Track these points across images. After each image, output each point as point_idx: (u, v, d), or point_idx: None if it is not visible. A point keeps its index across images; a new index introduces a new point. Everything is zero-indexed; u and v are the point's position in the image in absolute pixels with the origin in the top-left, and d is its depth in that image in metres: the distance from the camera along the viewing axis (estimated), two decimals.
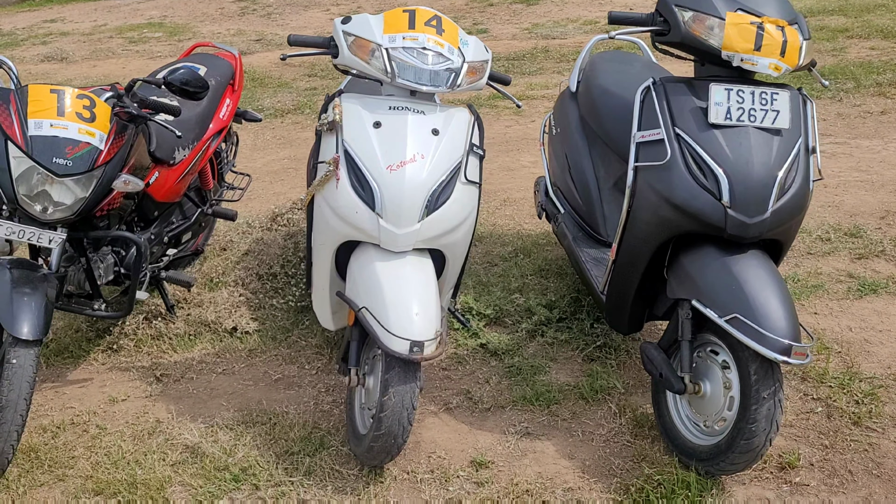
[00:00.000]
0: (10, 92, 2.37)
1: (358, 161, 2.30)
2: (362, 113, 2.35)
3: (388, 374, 2.22)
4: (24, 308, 2.28)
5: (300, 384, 2.87)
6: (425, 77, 2.35)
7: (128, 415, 2.74)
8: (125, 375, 2.96)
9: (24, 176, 2.33)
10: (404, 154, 2.29)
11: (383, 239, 2.30)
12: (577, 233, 2.95)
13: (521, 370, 2.82)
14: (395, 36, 2.34)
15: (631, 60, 3.28)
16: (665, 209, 2.19)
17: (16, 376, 2.22)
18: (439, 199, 2.32)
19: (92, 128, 2.39)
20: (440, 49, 2.35)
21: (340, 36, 2.40)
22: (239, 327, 3.18)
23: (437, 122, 2.36)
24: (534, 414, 2.61)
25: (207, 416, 2.71)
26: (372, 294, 2.26)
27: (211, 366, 3.01)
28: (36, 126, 2.31)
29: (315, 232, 2.49)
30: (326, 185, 2.36)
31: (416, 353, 2.17)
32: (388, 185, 2.27)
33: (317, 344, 3.09)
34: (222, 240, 3.96)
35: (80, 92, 2.44)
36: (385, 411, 2.20)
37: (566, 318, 3.09)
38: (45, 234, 2.40)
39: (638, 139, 2.28)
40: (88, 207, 2.45)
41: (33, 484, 2.41)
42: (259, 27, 10.27)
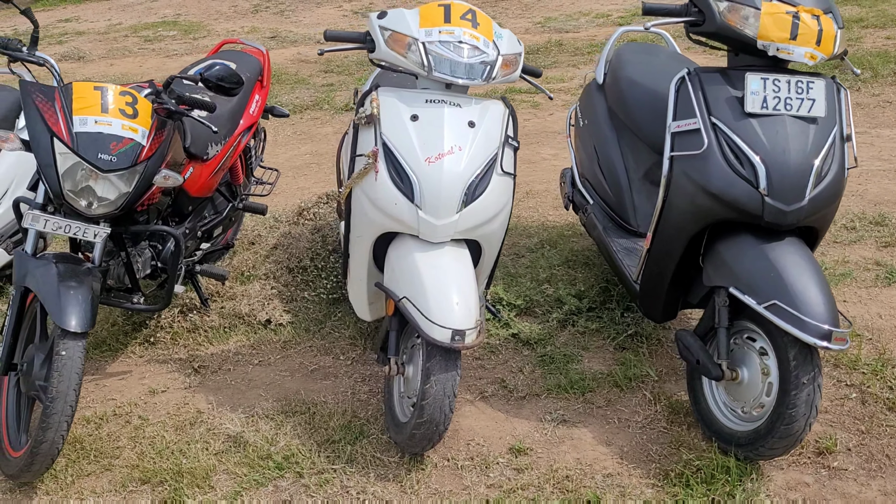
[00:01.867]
0: (54, 89, 2.42)
1: (396, 154, 2.34)
2: (399, 106, 2.39)
3: (430, 363, 2.26)
4: (71, 301, 2.32)
5: (336, 374, 2.92)
6: (461, 70, 2.38)
7: (168, 406, 2.79)
8: (163, 367, 3.02)
9: (70, 172, 2.37)
10: (442, 146, 2.33)
11: (422, 230, 2.34)
12: (606, 223, 2.98)
13: (553, 359, 2.85)
14: (431, 30, 2.37)
15: (657, 52, 3.30)
16: (702, 198, 2.21)
17: (65, 368, 2.27)
18: (476, 190, 2.35)
19: (135, 124, 2.43)
20: (476, 42, 2.38)
21: (377, 31, 2.44)
22: (273, 319, 3.22)
23: (472, 114, 2.40)
24: (569, 402, 2.64)
25: (247, 406, 2.75)
26: (412, 284, 2.30)
27: (247, 357, 3.05)
28: (81, 123, 2.36)
29: (353, 224, 2.53)
30: (365, 178, 2.40)
31: (457, 341, 2.21)
32: (427, 177, 2.30)
33: (350, 335, 3.14)
34: (250, 234, 4.00)
35: (123, 89, 2.48)
36: (427, 399, 2.24)
37: (596, 308, 3.12)
38: (90, 229, 2.45)
39: (673, 129, 2.31)
40: (131, 202, 2.50)
41: (80, 473, 2.47)
42: (273, 24, 10.31)
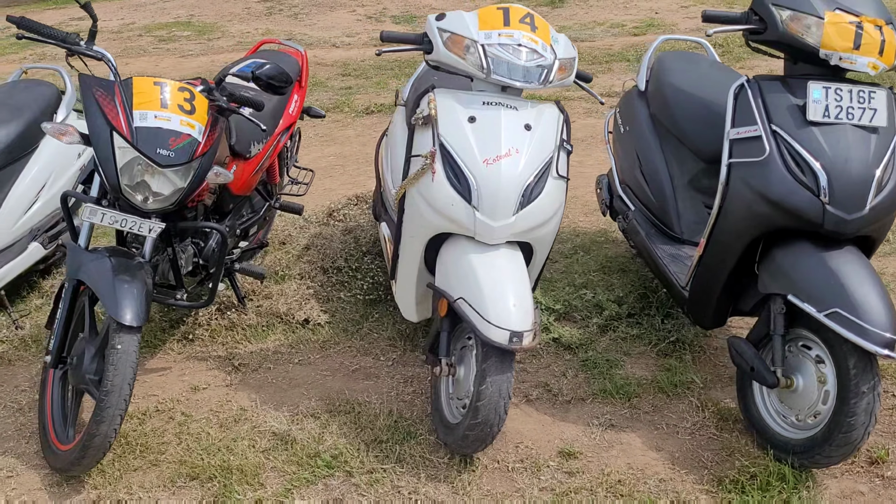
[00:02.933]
0: (113, 84, 2.42)
1: (454, 155, 2.35)
2: (457, 108, 2.40)
3: (486, 364, 2.26)
4: (126, 295, 2.32)
5: (378, 375, 2.92)
6: (518, 73, 2.39)
7: (211, 402, 2.79)
8: (203, 365, 3.01)
9: (127, 166, 2.38)
10: (500, 148, 2.34)
11: (479, 231, 2.34)
12: (649, 229, 2.99)
13: (596, 364, 2.86)
14: (490, 32, 2.38)
15: (698, 60, 3.32)
16: (760, 205, 2.22)
17: (121, 361, 2.27)
18: (533, 193, 2.36)
19: (192, 120, 2.44)
20: (534, 46, 2.39)
21: (435, 32, 2.45)
22: (311, 319, 3.22)
23: (528, 117, 2.41)
24: (615, 407, 2.65)
25: (290, 404, 2.75)
26: (468, 285, 2.30)
27: (287, 356, 3.05)
28: (141, 117, 2.36)
29: (406, 224, 2.54)
30: (421, 179, 2.40)
31: (514, 343, 2.21)
32: (485, 179, 2.31)
33: (389, 336, 3.14)
34: (281, 234, 4.01)
35: (181, 84, 2.49)
36: (482, 400, 2.25)
37: (635, 314, 3.12)
38: (145, 224, 2.45)
39: (732, 136, 2.32)
40: (184, 198, 2.50)
41: (127, 468, 2.46)
42: (287, 27, 10.33)
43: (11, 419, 2.74)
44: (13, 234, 3.29)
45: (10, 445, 2.60)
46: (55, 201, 3.47)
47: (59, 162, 3.49)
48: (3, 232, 3.26)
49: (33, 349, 3.15)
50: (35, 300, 3.49)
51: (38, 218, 3.39)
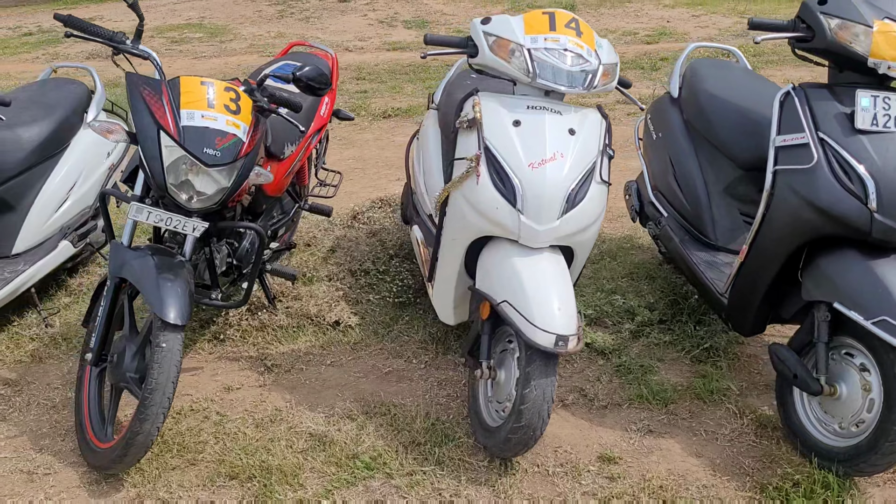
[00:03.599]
0: (160, 82, 2.43)
1: (500, 158, 2.35)
2: (502, 111, 2.40)
3: (530, 368, 2.26)
4: (170, 293, 2.32)
5: (411, 378, 2.92)
6: (562, 77, 2.40)
7: (245, 402, 2.78)
8: (235, 365, 3.01)
9: (174, 165, 2.38)
10: (545, 152, 2.34)
11: (523, 235, 2.35)
12: (683, 236, 3.00)
13: (630, 369, 2.86)
14: (536, 37, 2.39)
15: (730, 67, 3.34)
16: (807, 212, 2.23)
17: (165, 359, 2.27)
18: (577, 197, 2.36)
19: (238, 120, 2.45)
20: (580, 51, 2.40)
21: (481, 36, 2.46)
22: (341, 321, 3.22)
23: (573, 122, 2.41)
24: (652, 412, 2.65)
25: (325, 405, 2.75)
26: (513, 289, 2.30)
27: (318, 358, 3.05)
28: (188, 117, 2.37)
29: (447, 227, 2.54)
30: (465, 182, 2.41)
31: (560, 346, 2.21)
32: (531, 182, 2.32)
33: (420, 339, 3.14)
34: (305, 236, 4.01)
35: (227, 85, 2.49)
36: (526, 404, 2.25)
37: (667, 320, 3.13)
38: (189, 223, 2.45)
39: (779, 143, 2.33)
40: (227, 198, 2.50)
41: (165, 467, 2.45)
42: (299, 30, 10.36)
43: (46, 416, 2.74)
44: (44, 233, 3.30)
45: (46, 443, 2.60)
46: (85, 200, 3.47)
47: (89, 160, 3.49)
48: (34, 230, 3.26)
49: (63, 347, 3.14)
50: (63, 298, 3.49)
51: (68, 216, 3.39)
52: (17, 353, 3.11)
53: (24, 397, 2.84)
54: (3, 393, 2.86)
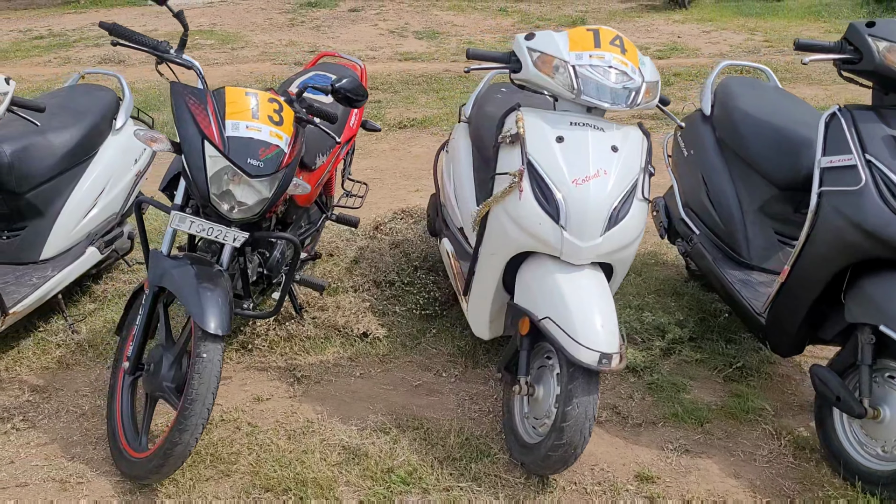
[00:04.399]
0: (205, 92, 2.42)
1: (543, 173, 2.35)
2: (545, 127, 2.40)
3: (572, 385, 2.25)
4: (210, 303, 2.31)
5: (441, 391, 2.90)
6: (606, 94, 2.40)
7: (276, 413, 2.77)
8: (263, 375, 2.99)
9: (217, 175, 2.37)
10: (588, 169, 2.34)
11: (565, 251, 2.34)
12: (716, 254, 2.99)
13: (662, 387, 2.85)
14: (581, 53, 2.39)
15: (763, 86, 3.35)
16: (853, 234, 2.23)
17: (205, 370, 2.25)
18: (620, 214, 2.36)
19: (280, 131, 2.44)
20: (624, 68, 2.40)
21: (524, 52, 2.46)
22: (369, 333, 3.21)
23: (615, 139, 2.41)
24: (688, 431, 2.64)
25: (357, 418, 2.73)
26: (555, 305, 2.30)
27: (347, 369, 3.04)
28: (233, 127, 2.36)
29: (487, 242, 2.53)
30: (508, 197, 2.40)
31: (604, 364, 2.20)
32: (574, 199, 2.31)
33: (449, 352, 3.13)
34: (328, 246, 4.01)
35: (270, 96, 2.49)
36: (567, 421, 2.23)
37: (697, 338, 3.12)
38: (230, 233, 2.44)
39: (825, 164, 2.33)
40: (268, 208, 2.50)
41: (199, 478, 2.44)
42: (310, 39, 10.39)
43: (76, 424, 2.72)
44: (71, 239, 3.29)
45: (77, 451, 2.58)
46: (112, 206, 3.47)
47: (116, 167, 3.49)
48: (62, 236, 3.25)
49: (90, 353, 3.13)
50: (88, 304, 3.47)
51: (95, 223, 3.38)
52: (44, 359, 3.09)
53: (52, 404, 2.82)
54: (32, 399, 2.84)
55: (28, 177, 3.14)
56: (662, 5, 12.09)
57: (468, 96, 7.82)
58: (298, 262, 3.29)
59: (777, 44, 9.26)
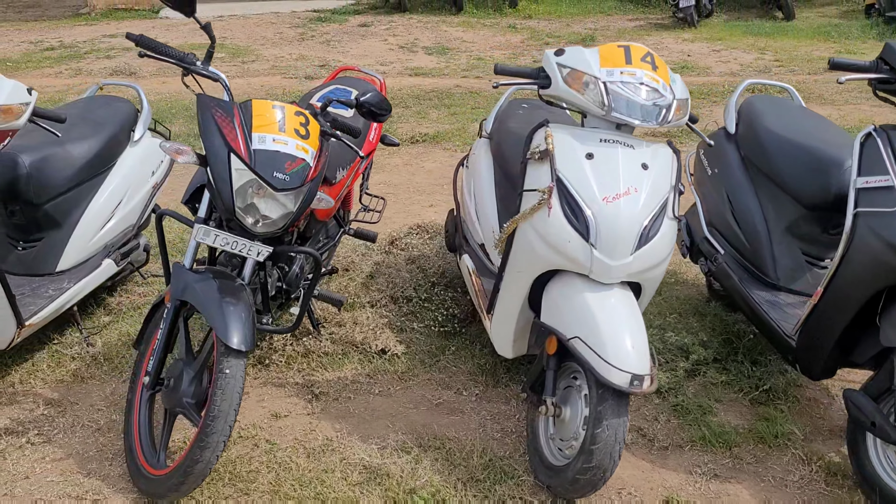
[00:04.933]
0: (232, 105, 2.40)
1: (572, 191, 2.32)
2: (574, 144, 2.37)
3: (601, 407, 2.20)
4: (233, 318, 2.27)
5: (462, 410, 2.85)
6: (636, 111, 2.37)
7: (294, 430, 2.72)
8: (281, 391, 2.95)
9: (242, 188, 2.34)
10: (619, 186, 2.31)
11: (595, 270, 2.30)
12: (742, 274, 2.95)
13: (688, 410, 2.80)
14: (612, 70, 2.37)
15: (787, 105, 3.32)
16: (890, 256, 2.19)
17: (228, 386, 2.21)
18: (650, 233, 2.32)
19: (307, 144, 2.41)
20: (655, 85, 2.37)
21: (554, 67, 2.43)
22: (387, 349, 3.17)
23: (645, 156, 2.38)
24: (716, 456, 2.59)
25: (377, 437, 2.69)
26: (584, 325, 2.26)
27: (366, 386, 2.99)
28: (260, 140, 2.34)
29: (513, 259, 2.50)
30: (536, 214, 2.37)
31: (635, 386, 2.16)
32: (605, 217, 2.28)
33: (469, 370, 3.08)
34: (343, 261, 3.97)
35: (297, 109, 2.46)
36: (597, 444, 2.19)
37: (722, 359, 3.07)
38: (254, 247, 2.41)
39: (860, 185, 2.29)
40: (292, 222, 2.47)
41: (218, 496, 2.39)
42: (320, 53, 10.41)
43: (92, 439, 2.67)
44: (88, 250, 3.26)
45: (93, 467, 2.53)
46: (129, 218, 3.44)
47: (134, 179, 3.46)
48: (79, 248, 3.22)
49: (105, 367, 3.09)
50: (103, 317, 3.44)
51: (112, 234, 3.35)
52: (58, 372, 3.05)
53: (68, 418, 2.78)
54: (47, 413, 2.80)
55: (46, 188, 3.11)
56: (672, 24, 12.11)
57: (479, 112, 7.81)
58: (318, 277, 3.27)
59: (788, 63, 9.26)
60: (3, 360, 3.09)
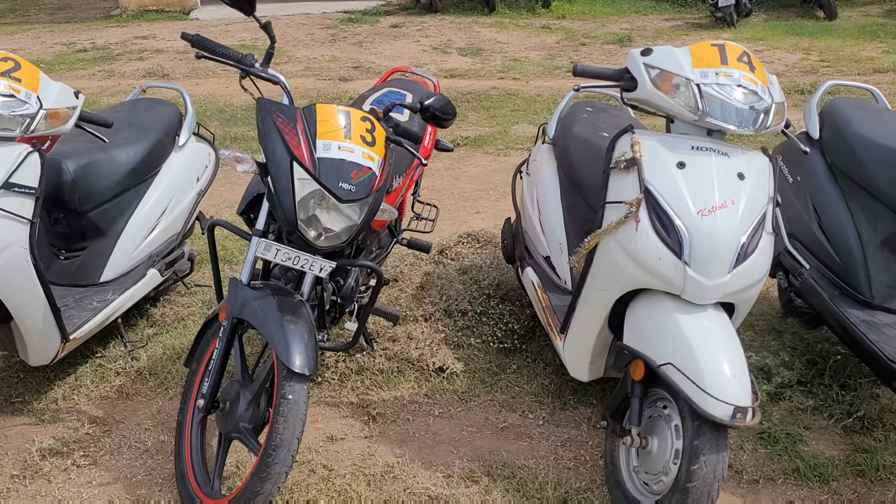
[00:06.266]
0: (295, 110, 2.24)
1: (663, 203, 2.13)
2: (664, 152, 2.18)
3: (698, 441, 2.01)
4: (295, 338, 2.11)
5: (529, 435, 2.67)
6: (731, 116, 2.18)
7: (352, 455, 2.56)
8: (335, 412, 2.79)
9: (304, 199, 2.18)
10: (714, 198, 2.11)
11: (688, 289, 2.11)
12: (832, 291, 2.74)
13: (776, 438, 2.59)
14: (706, 71, 2.18)
15: (875, 108, 3.10)
16: None
17: (291, 413, 2.05)
18: (748, 249, 2.13)
19: (373, 152, 2.25)
20: (754, 87, 2.18)
21: (641, 69, 2.24)
22: (445, 367, 3.00)
23: (741, 165, 2.19)
24: (812, 491, 2.38)
25: (441, 464, 2.51)
26: (677, 350, 2.06)
27: (425, 407, 2.82)
28: (324, 148, 2.17)
29: (595, 276, 2.31)
30: (621, 228, 2.18)
31: (738, 419, 1.96)
32: (700, 232, 2.08)
33: (533, 391, 2.90)
34: (392, 271, 3.80)
35: (363, 114, 2.29)
36: (693, 482, 1.99)
37: (807, 382, 2.86)
38: (316, 262, 2.25)
39: None
40: (356, 235, 2.30)
41: None
42: (353, 54, 10.28)
43: (139, 462, 2.53)
44: (133, 260, 3.12)
45: (142, 492, 2.39)
46: (174, 227, 3.30)
47: (179, 186, 3.32)
48: (124, 257, 3.08)
49: (151, 383, 2.95)
50: (146, 329, 3.30)
51: (156, 243, 3.22)
52: (102, 388, 2.91)
53: (114, 438, 2.64)
54: (92, 433, 2.66)
55: (91, 195, 2.98)
56: (710, 24, 11.82)
57: (519, 115, 7.59)
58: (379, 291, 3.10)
59: (835, 63, 8.96)
60: (45, 375, 2.96)
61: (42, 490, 2.40)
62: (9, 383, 2.94)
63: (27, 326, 2.54)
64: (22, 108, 2.41)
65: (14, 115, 2.40)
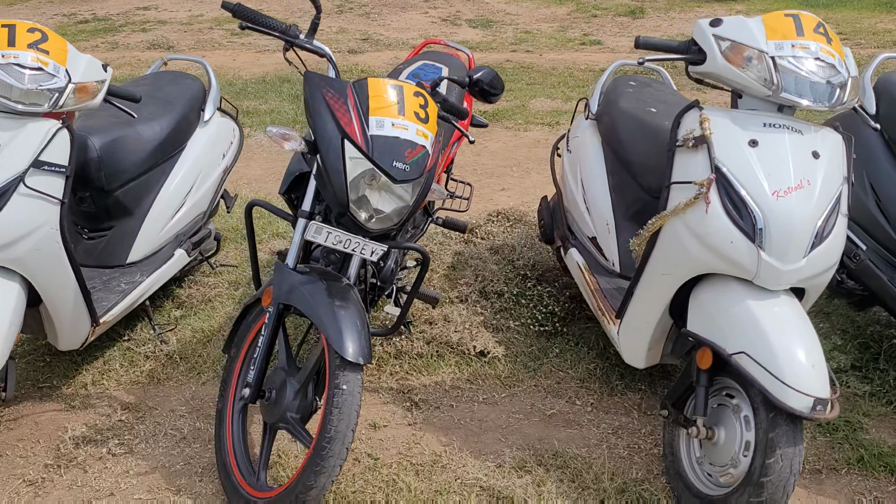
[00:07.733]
0: (346, 84, 2.11)
1: (736, 184, 2.01)
2: (735, 129, 2.06)
3: (774, 433, 1.92)
4: (348, 325, 2.01)
5: (579, 422, 2.58)
6: (806, 90, 2.06)
7: (397, 444, 2.47)
8: (376, 398, 2.69)
9: (355, 179, 2.06)
10: (790, 178, 2.00)
11: (762, 274, 2.01)
12: (892, 273, 2.64)
13: (835, 426, 2.51)
14: (782, 43, 2.05)
15: None
16: None
17: (346, 404, 1.95)
18: (825, 232, 2.02)
19: (426, 129, 2.12)
20: (832, 60, 2.05)
21: (710, 40, 2.12)
22: (486, 351, 2.90)
23: (815, 143, 2.07)
24: (879, 481, 2.30)
25: (490, 452, 2.43)
26: (750, 338, 1.96)
27: (468, 393, 2.73)
28: (378, 125, 2.04)
29: (657, 261, 2.20)
30: (690, 210, 2.07)
31: (819, 412, 1.87)
32: (776, 214, 1.98)
33: (578, 376, 2.81)
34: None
35: (416, 89, 2.16)
36: (769, 476, 1.91)
37: (861, 367, 2.77)
38: (368, 245, 2.13)
39: None
40: (408, 217, 2.18)
41: None
42: (361, 26, 10.08)
43: (177, 450, 2.44)
44: (160, 240, 3.00)
45: (182, 482, 2.30)
46: (201, 205, 3.18)
47: (205, 162, 3.19)
48: (151, 237, 2.97)
49: (182, 367, 2.85)
50: (173, 311, 3.20)
51: (183, 223, 3.10)
52: (132, 372, 2.81)
53: (148, 425, 2.54)
54: (125, 419, 2.57)
55: (118, 173, 2.85)
56: None
57: (536, 88, 7.42)
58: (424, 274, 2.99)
59: (853, 36, 8.79)
60: (73, 360, 2.86)
61: (78, 480, 2.31)
62: (35, 367, 2.84)
63: (57, 310, 2.43)
64: (50, 81, 2.27)
65: (42, 89, 2.26)
